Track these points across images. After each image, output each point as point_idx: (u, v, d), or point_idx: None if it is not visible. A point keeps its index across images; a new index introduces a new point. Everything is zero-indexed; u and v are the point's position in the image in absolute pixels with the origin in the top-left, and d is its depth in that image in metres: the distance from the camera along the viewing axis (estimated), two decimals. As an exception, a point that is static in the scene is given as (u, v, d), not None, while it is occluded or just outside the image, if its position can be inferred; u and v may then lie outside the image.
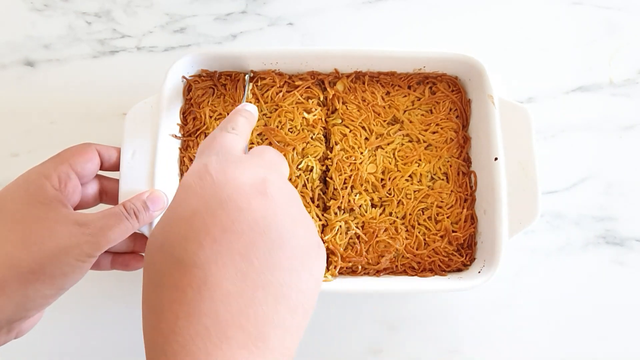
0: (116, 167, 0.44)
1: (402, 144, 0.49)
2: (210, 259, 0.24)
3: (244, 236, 0.25)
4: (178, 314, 0.23)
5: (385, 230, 0.47)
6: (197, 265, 0.24)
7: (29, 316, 0.36)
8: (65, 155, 0.40)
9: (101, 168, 0.43)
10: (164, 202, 0.43)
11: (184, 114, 0.49)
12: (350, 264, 0.46)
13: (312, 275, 0.27)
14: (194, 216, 0.26)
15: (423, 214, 0.48)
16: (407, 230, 0.47)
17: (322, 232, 0.47)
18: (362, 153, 0.48)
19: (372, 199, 0.48)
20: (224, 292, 0.24)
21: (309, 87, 0.49)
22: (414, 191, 0.48)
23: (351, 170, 0.48)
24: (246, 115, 0.38)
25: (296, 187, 0.47)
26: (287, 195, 0.29)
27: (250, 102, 0.49)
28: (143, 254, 0.45)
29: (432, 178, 0.48)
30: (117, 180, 0.44)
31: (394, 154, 0.48)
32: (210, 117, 0.48)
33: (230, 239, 0.25)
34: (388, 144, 0.49)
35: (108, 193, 0.45)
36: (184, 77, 0.49)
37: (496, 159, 0.45)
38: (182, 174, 0.48)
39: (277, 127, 0.48)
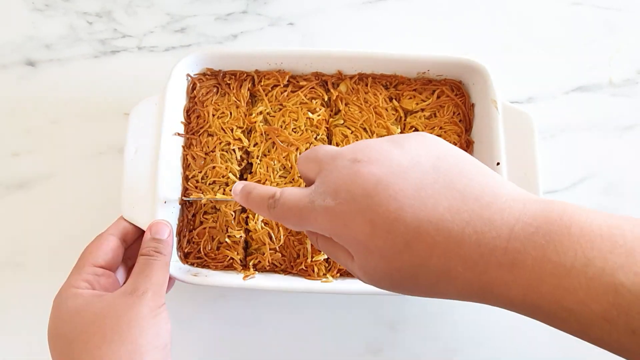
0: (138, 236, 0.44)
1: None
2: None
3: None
4: None
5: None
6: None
7: None
8: (84, 258, 0.40)
9: (128, 247, 0.43)
10: (167, 226, 0.42)
11: (188, 112, 0.49)
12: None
13: None
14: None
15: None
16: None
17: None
18: (363, 154, 0.48)
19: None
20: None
21: (313, 88, 0.49)
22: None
23: (352, 171, 0.47)
24: None
25: (299, 186, 0.47)
26: None
27: (248, 101, 0.49)
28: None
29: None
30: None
31: (395, 155, 0.48)
32: (214, 115, 0.49)
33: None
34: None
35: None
36: (188, 75, 0.49)
37: (498, 163, 0.45)
38: (184, 171, 0.48)
39: (281, 126, 0.48)
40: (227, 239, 0.47)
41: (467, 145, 0.49)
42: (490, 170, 0.28)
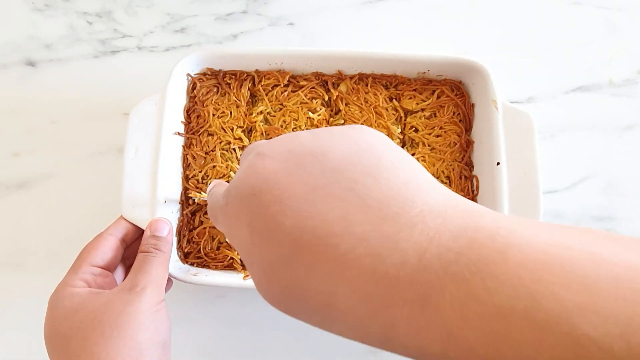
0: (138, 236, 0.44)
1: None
2: None
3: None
4: None
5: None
6: None
7: None
8: (82, 257, 0.39)
9: (127, 246, 0.43)
10: (167, 224, 0.42)
11: (188, 112, 0.49)
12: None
13: None
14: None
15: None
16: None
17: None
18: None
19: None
20: None
21: (313, 88, 0.49)
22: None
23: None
24: None
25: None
26: None
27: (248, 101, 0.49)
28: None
29: (435, 180, 0.48)
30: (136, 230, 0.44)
31: (395, 155, 0.48)
32: (214, 115, 0.49)
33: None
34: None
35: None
36: (188, 74, 0.49)
37: (498, 163, 0.45)
38: (184, 171, 0.48)
39: (282, 126, 0.48)
40: (227, 239, 0.47)
41: (467, 145, 0.49)
42: (421, 171, 0.21)
